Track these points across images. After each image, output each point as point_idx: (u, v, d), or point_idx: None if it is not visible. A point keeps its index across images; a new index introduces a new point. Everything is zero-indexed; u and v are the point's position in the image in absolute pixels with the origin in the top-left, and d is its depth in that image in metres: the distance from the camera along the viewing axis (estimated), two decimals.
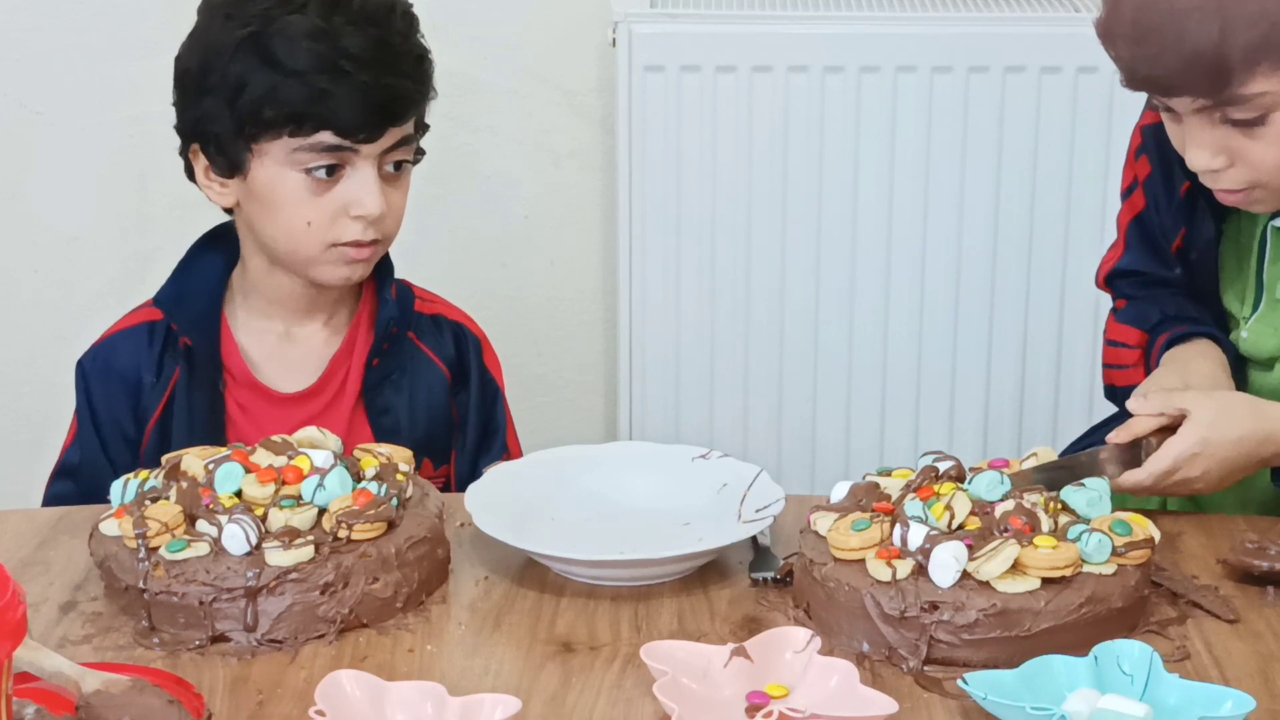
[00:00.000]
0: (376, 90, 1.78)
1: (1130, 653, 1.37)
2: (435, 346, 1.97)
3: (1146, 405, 1.67)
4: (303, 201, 1.82)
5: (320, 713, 1.31)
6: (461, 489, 1.74)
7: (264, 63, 1.78)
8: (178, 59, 1.87)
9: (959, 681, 1.36)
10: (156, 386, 1.90)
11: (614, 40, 2.61)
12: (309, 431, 1.65)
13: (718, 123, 2.62)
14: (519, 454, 1.99)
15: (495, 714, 1.31)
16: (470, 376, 1.99)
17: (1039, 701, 1.33)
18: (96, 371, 1.93)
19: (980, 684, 1.34)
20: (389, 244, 1.89)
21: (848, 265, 2.69)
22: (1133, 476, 1.64)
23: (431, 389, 1.95)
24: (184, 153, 1.89)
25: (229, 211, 1.91)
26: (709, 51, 2.60)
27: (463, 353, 1.98)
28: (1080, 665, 1.37)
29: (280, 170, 1.81)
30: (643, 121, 2.62)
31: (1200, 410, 1.65)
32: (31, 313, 2.87)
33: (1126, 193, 1.90)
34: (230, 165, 1.84)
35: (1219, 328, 1.85)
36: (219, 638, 1.49)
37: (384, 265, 1.94)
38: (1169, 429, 1.65)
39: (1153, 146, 1.84)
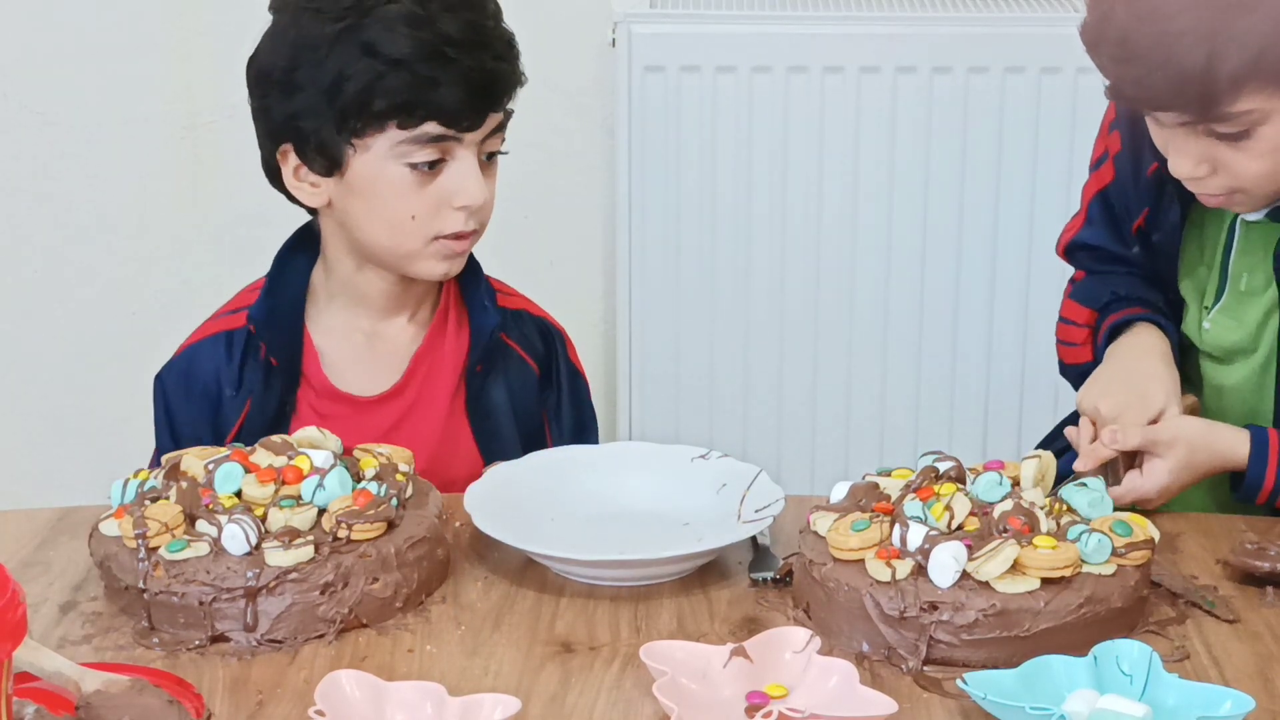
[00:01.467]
0: (479, 74, 1.76)
1: (1129, 653, 1.37)
2: (524, 343, 1.94)
3: (1124, 441, 1.69)
4: (406, 194, 1.78)
5: (320, 713, 1.31)
6: None
7: (365, 54, 1.73)
8: (254, 59, 1.81)
9: (958, 682, 1.36)
10: (237, 399, 1.86)
11: (614, 40, 2.61)
12: (309, 431, 1.65)
13: (717, 123, 2.63)
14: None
15: (495, 714, 1.32)
16: (558, 374, 1.96)
17: (1038, 702, 1.33)
18: (175, 384, 1.88)
19: (980, 684, 1.34)
20: (483, 233, 1.85)
21: (847, 265, 2.70)
22: None
23: (525, 387, 1.93)
24: (269, 155, 1.82)
25: (312, 212, 1.87)
26: (709, 52, 2.60)
27: (550, 350, 1.96)
28: (1080, 665, 1.37)
29: (382, 164, 1.77)
30: (643, 122, 2.62)
31: (1167, 455, 1.68)
32: (31, 313, 2.87)
33: (1095, 165, 1.90)
34: (328, 163, 1.78)
35: (1172, 312, 1.85)
36: (219, 638, 1.49)
37: (471, 264, 1.90)
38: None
39: (1125, 123, 1.83)
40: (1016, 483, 1.57)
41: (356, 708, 1.34)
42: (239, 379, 1.86)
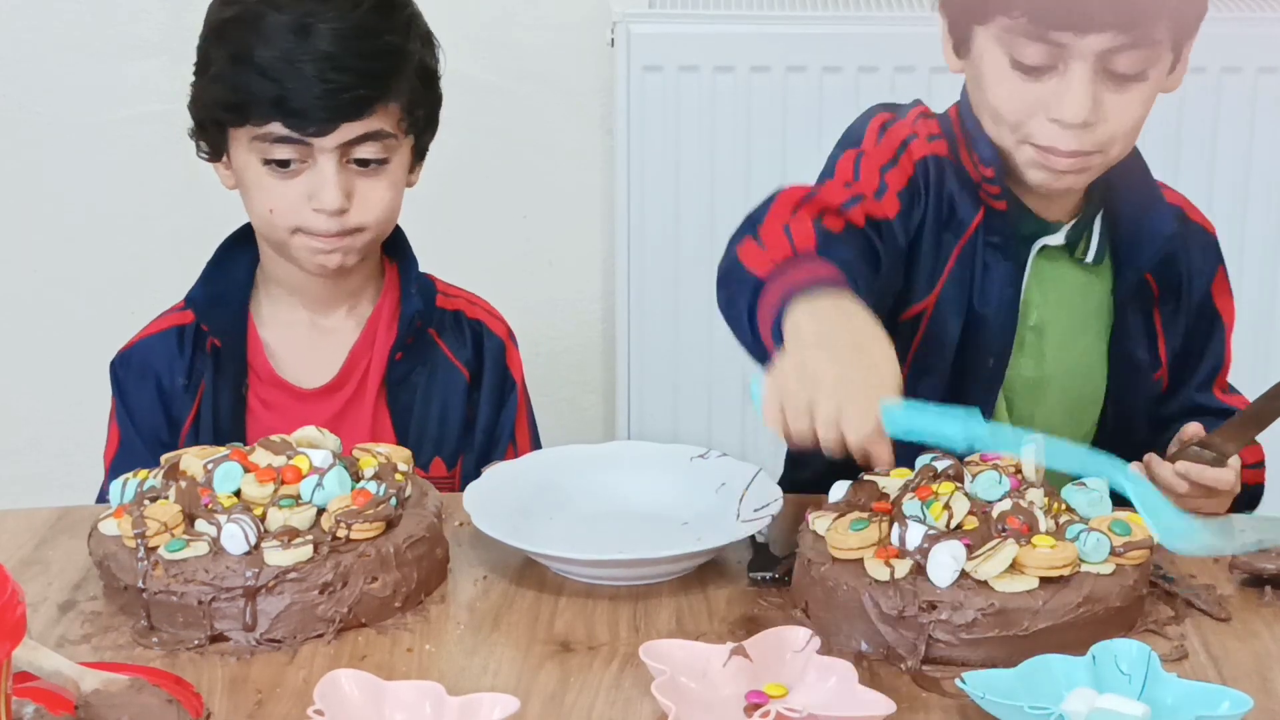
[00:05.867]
0: (324, 84, 1.80)
1: (1128, 652, 1.37)
2: (455, 348, 1.96)
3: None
4: (266, 188, 1.85)
5: (319, 712, 1.31)
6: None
7: (229, 52, 1.82)
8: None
9: (957, 681, 1.36)
10: (188, 391, 1.90)
11: (613, 40, 2.62)
12: (308, 431, 1.65)
13: (716, 123, 2.63)
14: (527, 449, 1.99)
15: (494, 713, 1.32)
16: (483, 380, 1.98)
17: (1037, 701, 1.33)
18: (131, 379, 1.93)
19: (978, 683, 1.35)
20: (376, 233, 1.89)
21: None
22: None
23: (449, 391, 1.95)
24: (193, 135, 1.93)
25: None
26: (707, 51, 2.60)
27: (481, 355, 1.98)
28: (1078, 665, 1.37)
29: (246, 157, 1.85)
30: (641, 121, 2.63)
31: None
32: (30, 313, 2.87)
33: (857, 196, 1.75)
34: (212, 148, 1.89)
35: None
36: (218, 637, 1.49)
37: (407, 256, 1.95)
38: None
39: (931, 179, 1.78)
40: (1017, 470, 1.56)
41: (355, 707, 1.34)
42: (189, 370, 1.91)
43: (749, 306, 1.53)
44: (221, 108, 1.83)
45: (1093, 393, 1.84)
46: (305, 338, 1.94)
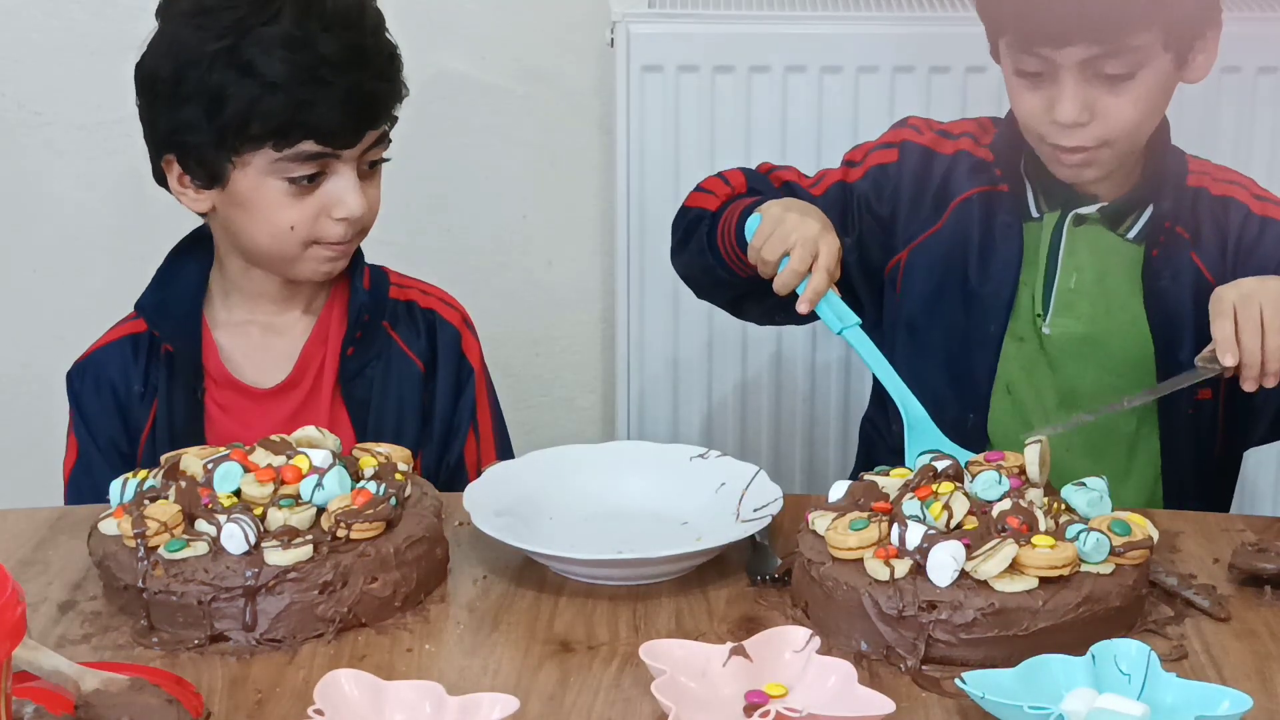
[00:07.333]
0: (356, 95, 1.79)
1: (1128, 652, 1.37)
2: (409, 338, 1.96)
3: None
4: (285, 206, 1.82)
5: (319, 712, 1.31)
6: (429, 480, 1.74)
7: (243, 75, 1.77)
8: (141, 65, 1.85)
9: (957, 681, 1.36)
10: (144, 399, 1.90)
11: (612, 40, 2.61)
12: (308, 431, 1.65)
13: (716, 123, 2.63)
14: (490, 435, 1.99)
15: (493, 713, 1.32)
16: (440, 367, 1.97)
17: (1037, 701, 1.33)
18: (87, 389, 1.92)
19: (978, 683, 1.35)
20: (366, 234, 1.90)
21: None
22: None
23: (404, 383, 1.95)
24: (155, 160, 1.88)
25: (202, 215, 1.91)
26: (707, 51, 2.60)
27: (434, 345, 1.97)
28: (1078, 664, 1.38)
29: (261, 179, 1.81)
30: (641, 122, 2.62)
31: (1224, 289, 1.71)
32: (30, 313, 2.87)
33: (849, 162, 2.03)
34: (210, 176, 1.83)
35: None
36: (218, 637, 1.49)
37: (355, 251, 1.94)
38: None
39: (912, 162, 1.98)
40: (1021, 471, 1.56)
41: (355, 707, 1.34)
42: (145, 378, 1.91)
43: (708, 231, 1.93)
44: (242, 136, 1.79)
45: (1139, 356, 1.91)
46: (259, 339, 1.93)
